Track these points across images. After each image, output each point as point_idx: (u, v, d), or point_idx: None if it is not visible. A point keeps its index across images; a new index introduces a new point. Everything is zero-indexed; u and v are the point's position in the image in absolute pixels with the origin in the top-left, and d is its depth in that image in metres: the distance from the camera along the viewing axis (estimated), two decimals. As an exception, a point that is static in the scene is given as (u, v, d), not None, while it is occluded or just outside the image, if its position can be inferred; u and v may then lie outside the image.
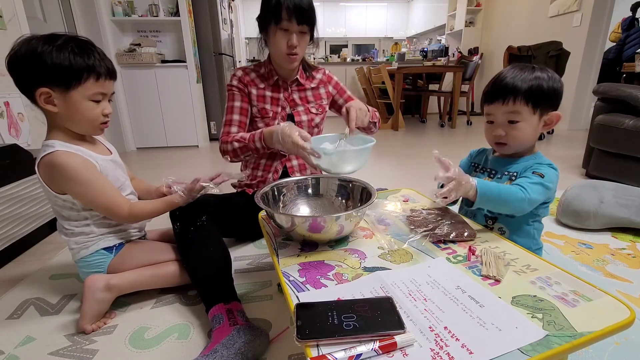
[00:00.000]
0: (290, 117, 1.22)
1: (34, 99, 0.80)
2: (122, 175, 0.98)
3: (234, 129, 1.16)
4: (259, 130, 1.06)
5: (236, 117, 1.17)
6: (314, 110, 1.25)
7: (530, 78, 0.76)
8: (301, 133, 0.93)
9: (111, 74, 0.85)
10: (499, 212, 0.81)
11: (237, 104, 1.17)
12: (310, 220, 0.66)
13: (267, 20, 1.04)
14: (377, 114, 1.23)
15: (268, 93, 1.19)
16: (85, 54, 0.79)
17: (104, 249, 0.94)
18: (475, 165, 0.93)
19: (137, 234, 1.04)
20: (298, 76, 1.20)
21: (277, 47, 1.07)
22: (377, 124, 1.22)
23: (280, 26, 1.03)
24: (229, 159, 1.15)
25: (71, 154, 0.83)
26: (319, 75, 1.28)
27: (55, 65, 0.77)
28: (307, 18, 1.03)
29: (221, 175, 0.95)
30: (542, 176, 0.74)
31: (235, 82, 1.17)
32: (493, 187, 0.70)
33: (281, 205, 0.83)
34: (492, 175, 0.86)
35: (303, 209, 0.85)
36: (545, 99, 0.77)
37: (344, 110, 1.06)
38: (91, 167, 0.85)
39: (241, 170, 1.34)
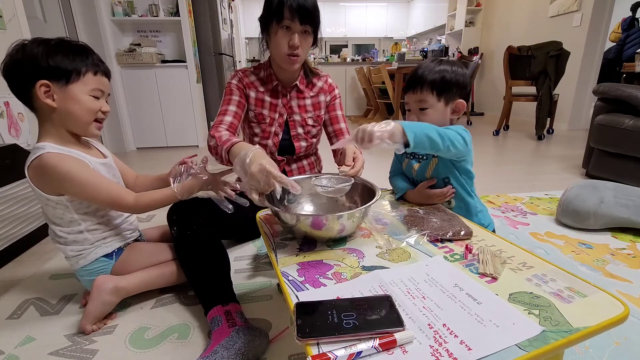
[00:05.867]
0: (286, 125, 1.19)
1: (31, 98, 0.80)
2: (114, 179, 0.97)
3: (227, 118, 1.08)
4: (234, 141, 0.91)
5: (232, 107, 1.10)
6: (310, 122, 1.21)
7: (435, 70, 0.86)
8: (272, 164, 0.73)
9: (107, 73, 0.88)
10: (437, 151, 0.77)
11: (235, 97, 1.12)
12: (312, 219, 0.66)
13: (269, 18, 1.01)
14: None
15: (267, 98, 1.16)
16: (83, 51, 0.84)
17: (104, 256, 0.94)
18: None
19: (133, 235, 1.04)
20: (298, 82, 1.16)
21: (278, 47, 1.04)
22: None
23: (282, 24, 1.00)
24: (211, 153, 1.01)
25: (62, 155, 0.82)
26: (319, 83, 1.22)
27: (55, 61, 0.79)
28: (310, 18, 1.00)
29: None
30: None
31: (235, 81, 1.14)
32: (414, 123, 0.73)
33: (286, 203, 0.84)
34: (420, 159, 0.95)
35: (307, 208, 0.85)
36: (448, 88, 0.86)
37: (350, 156, 0.94)
38: (84, 165, 0.85)
39: None
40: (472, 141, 0.85)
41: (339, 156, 1.08)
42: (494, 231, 0.89)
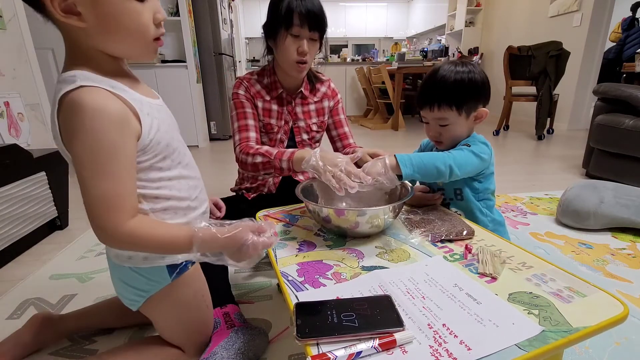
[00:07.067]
0: (291, 131, 1.18)
1: (47, 13, 0.48)
2: (178, 133, 0.67)
3: (252, 134, 1.07)
4: (290, 150, 0.94)
5: (251, 122, 1.09)
6: (315, 128, 1.20)
7: (452, 82, 0.78)
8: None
9: None
10: (435, 181, 0.84)
11: (249, 110, 1.10)
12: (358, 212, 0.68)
13: (277, 25, 0.99)
14: None
15: (274, 107, 1.14)
16: None
17: (169, 267, 0.64)
18: None
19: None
20: (302, 89, 1.15)
21: (286, 55, 1.02)
22: None
23: (291, 32, 0.98)
24: (248, 171, 1.02)
25: (103, 94, 0.50)
26: (323, 89, 1.21)
27: None
28: (318, 25, 0.99)
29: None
30: (468, 145, 0.80)
31: (242, 92, 1.11)
32: (414, 155, 0.75)
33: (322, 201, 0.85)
34: None
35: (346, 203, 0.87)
36: (469, 99, 0.80)
37: (368, 157, 0.94)
38: (126, 125, 0.52)
39: (238, 173, 1.32)
40: (492, 153, 0.81)
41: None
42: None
